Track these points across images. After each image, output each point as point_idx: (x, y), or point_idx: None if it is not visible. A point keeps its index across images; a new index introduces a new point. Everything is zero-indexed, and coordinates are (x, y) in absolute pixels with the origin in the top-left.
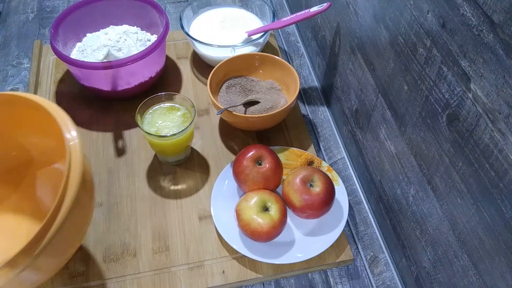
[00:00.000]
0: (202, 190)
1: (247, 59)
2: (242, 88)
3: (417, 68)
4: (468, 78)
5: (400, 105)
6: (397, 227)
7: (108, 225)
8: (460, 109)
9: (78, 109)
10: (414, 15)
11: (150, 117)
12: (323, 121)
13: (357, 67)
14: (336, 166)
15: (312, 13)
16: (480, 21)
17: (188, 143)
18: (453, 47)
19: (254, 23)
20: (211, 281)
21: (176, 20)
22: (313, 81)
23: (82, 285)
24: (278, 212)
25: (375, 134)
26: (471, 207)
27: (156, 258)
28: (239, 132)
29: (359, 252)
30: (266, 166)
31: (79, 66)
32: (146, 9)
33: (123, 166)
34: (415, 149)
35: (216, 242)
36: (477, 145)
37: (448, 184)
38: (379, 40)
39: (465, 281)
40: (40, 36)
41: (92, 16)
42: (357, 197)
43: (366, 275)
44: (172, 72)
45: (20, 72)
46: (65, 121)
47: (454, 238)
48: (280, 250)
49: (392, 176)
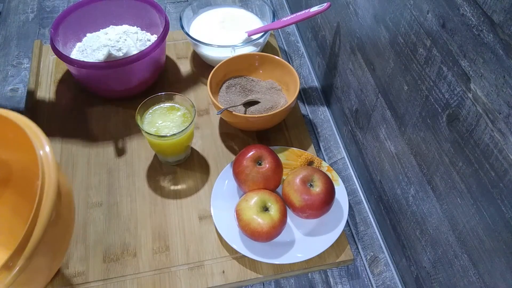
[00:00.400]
0: (202, 190)
1: (247, 59)
2: (242, 88)
3: (417, 68)
4: (468, 78)
5: (400, 105)
6: (397, 227)
7: (108, 225)
8: (460, 109)
9: (78, 109)
10: (414, 15)
11: (150, 117)
12: (323, 121)
13: (357, 67)
14: (336, 166)
15: (312, 13)
16: (480, 21)
17: (188, 143)
18: (453, 47)
19: (254, 23)
20: (211, 281)
21: (176, 20)
22: (313, 81)
23: (82, 285)
24: (278, 212)
25: (375, 134)
26: (471, 207)
27: (156, 258)
28: (239, 132)
29: (359, 252)
30: (266, 166)
31: (79, 66)
32: (146, 9)
33: (123, 166)
34: (415, 149)
35: (216, 242)
36: (477, 145)
37: (448, 184)
38: (379, 40)
39: (465, 281)
40: (40, 36)
41: (92, 16)
42: (357, 197)
43: (366, 275)
44: (172, 72)
45: (20, 72)
46: (39, 136)
47: (454, 238)
48: (280, 250)
49: (392, 176)
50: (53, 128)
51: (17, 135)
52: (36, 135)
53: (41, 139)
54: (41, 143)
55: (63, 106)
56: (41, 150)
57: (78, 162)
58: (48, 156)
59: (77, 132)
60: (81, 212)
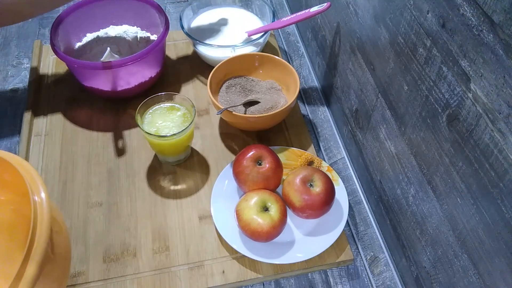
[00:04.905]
0: (202, 190)
1: (247, 59)
2: (242, 88)
3: (417, 68)
4: (468, 78)
5: (400, 105)
6: (397, 227)
7: (108, 225)
8: (460, 109)
9: (78, 109)
10: (414, 15)
11: (150, 117)
12: (323, 121)
13: (357, 67)
14: (336, 166)
15: (312, 13)
16: (480, 21)
17: (188, 143)
18: (453, 47)
19: (254, 23)
20: (211, 281)
21: (176, 20)
22: (313, 81)
23: (82, 285)
24: (278, 212)
25: (375, 134)
26: (471, 207)
27: (156, 258)
28: (239, 132)
29: (359, 252)
30: (266, 166)
31: (79, 66)
32: (146, 9)
33: (123, 166)
34: (415, 149)
35: (216, 242)
36: (477, 145)
37: (448, 184)
38: (379, 40)
39: (465, 281)
40: (40, 36)
41: (92, 16)
42: (357, 197)
43: (366, 275)
44: (172, 72)
45: (20, 72)
46: (35, 180)
47: (454, 238)
48: (280, 250)
49: (392, 176)
50: (53, 128)
51: (15, 177)
52: (33, 180)
53: (38, 185)
54: (37, 188)
55: (63, 106)
56: (35, 196)
57: (78, 162)
58: (43, 203)
59: (77, 132)
60: (81, 212)
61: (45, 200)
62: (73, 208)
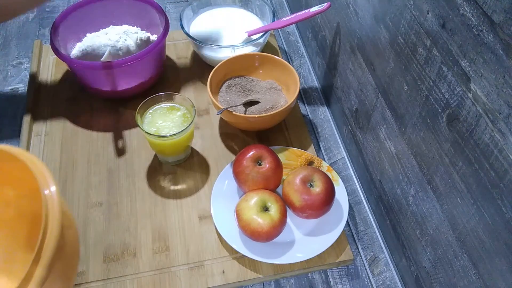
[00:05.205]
0: (202, 190)
1: (247, 59)
2: (242, 88)
3: (417, 68)
4: (468, 78)
5: (400, 105)
6: (397, 227)
7: (108, 225)
8: (460, 109)
9: (78, 109)
10: (414, 15)
11: (150, 117)
12: (323, 121)
13: (357, 67)
14: (336, 166)
15: (312, 13)
16: (480, 21)
17: (188, 143)
18: (453, 47)
19: (254, 23)
20: (211, 281)
21: (176, 20)
22: (313, 81)
23: (82, 285)
24: (278, 212)
25: (375, 134)
26: (471, 207)
27: (156, 258)
28: (239, 132)
29: (359, 252)
30: (266, 166)
31: (79, 66)
32: (146, 9)
33: (123, 166)
34: (415, 149)
35: (216, 242)
36: (477, 145)
37: (448, 184)
38: (379, 40)
39: (465, 281)
40: (40, 36)
41: (92, 16)
42: (357, 197)
43: (366, 275)
44: (172, 72)
45: (20, 72)
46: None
47: (454, 238)
48: (280, 250)
49: (392, 176)
50: (53, 128)
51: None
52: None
53: (47, 179)
54: (46, 183)
55: (63, 106)
56: (46, 190)
57: (78, 162)
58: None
59: (77, 132)
60: (81, 212)
61: (56, 194)
62: (73, 208)
